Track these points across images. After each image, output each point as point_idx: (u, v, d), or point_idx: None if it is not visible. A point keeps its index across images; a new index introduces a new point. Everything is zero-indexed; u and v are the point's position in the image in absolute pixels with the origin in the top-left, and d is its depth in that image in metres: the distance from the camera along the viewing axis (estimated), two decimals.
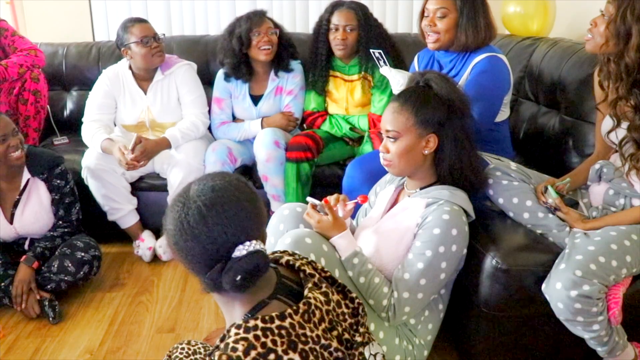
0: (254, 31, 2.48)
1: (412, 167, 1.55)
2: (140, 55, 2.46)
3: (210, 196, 0.97)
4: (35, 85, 2.71)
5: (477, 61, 1.89)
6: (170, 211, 0.99)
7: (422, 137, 1.51)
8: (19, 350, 1.90)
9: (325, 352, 0.97)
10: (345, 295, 1.14)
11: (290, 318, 0.95)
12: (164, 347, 1.88)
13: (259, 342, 0.90)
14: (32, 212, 2.19)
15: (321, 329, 0.99)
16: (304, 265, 1.11)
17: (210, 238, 0.96)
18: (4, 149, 2.04)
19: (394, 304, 1.44)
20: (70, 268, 2.12)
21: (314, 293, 1.03)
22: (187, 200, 0.98)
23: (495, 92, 1.91)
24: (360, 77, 2.52)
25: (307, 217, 1.55)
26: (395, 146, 1.53)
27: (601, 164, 1.68)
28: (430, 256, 1.44)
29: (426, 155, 1.54)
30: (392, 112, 1.53)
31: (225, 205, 0.97)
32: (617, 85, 1.55)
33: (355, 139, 2.55)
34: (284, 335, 0.92)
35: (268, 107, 2.62)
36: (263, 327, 0.92)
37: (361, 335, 1.10)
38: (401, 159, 1.53)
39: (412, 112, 1.51)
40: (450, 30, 1.91)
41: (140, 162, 2.34)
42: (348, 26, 2.44)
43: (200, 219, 0.96)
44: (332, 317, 1.04)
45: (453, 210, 1.47)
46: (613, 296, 1.44)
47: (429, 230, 1.46)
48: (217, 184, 0.99)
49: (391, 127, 1.53)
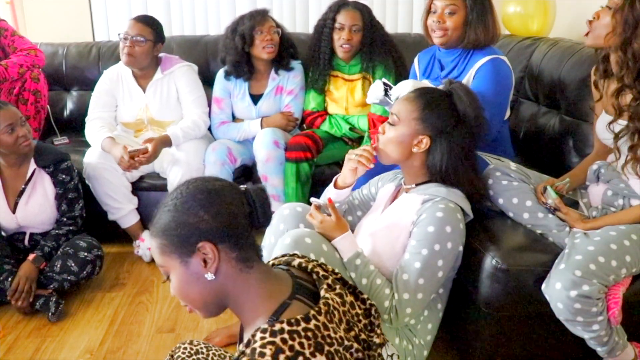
0: (257, 29, 2.49)
1: (397, 158, 1.57)
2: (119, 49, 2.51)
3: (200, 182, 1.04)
4: (36, 85, 2.72)
5: (481, 64, 1.89)
6: (182, 211, 1.00)
7: (417, 134, 1.52)
8: (19, 350, 1.90)
9: (347, 353, 0.97)
10: (357, 297, 1.14)
11: (314, 320, 0.94)
12: (164, 347, 1.89)
13: (287, 346, 0.88)
14: (36, 204, 2.20)
15: (342, 329, 0.99)
16: (316, 267, 1.11)
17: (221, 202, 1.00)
18: (14, 139, 2.06)
19: (395, 305, 1.44)
20: (74, 268, 2.12)
21: (330, 294, 1.03)
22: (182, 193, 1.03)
23: (502, 96, 1.92)
24: (361, 77, 2.52)
25: (310, 217, 1.56)
26: (390, 131, 1.56)
27: (599, 164, 1.68)
28: (427, 255, 1.44)
29: (415, 153, 1.54)
30: (405, 99, 1.57)
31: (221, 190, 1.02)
32: (622, 74, 1.54)
33: (355, 139, 2.55)
34: (311, 338, 0.91)
35: (268, 106, 2.62)
36: (290, 330, 0.90)
37: (378, 336, 1.10)
38: (388, 145, 1.55)
39: (419, 107, 1.52)
40: (458, 28, 1.91)
41: (141, 165, 2.37)
42: (354, 26, 2.44)
43: (199, 190, 1.01)
44: (348, 318, 1.04)
45: (448, 208, 1.47)
46: (613, 296, 1.44)
47: (424, 228, 1.46)
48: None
49: (395, 111, 1.56)
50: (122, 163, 2.33)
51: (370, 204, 1.77)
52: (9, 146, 2.08)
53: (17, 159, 2.16)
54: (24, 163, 2.19)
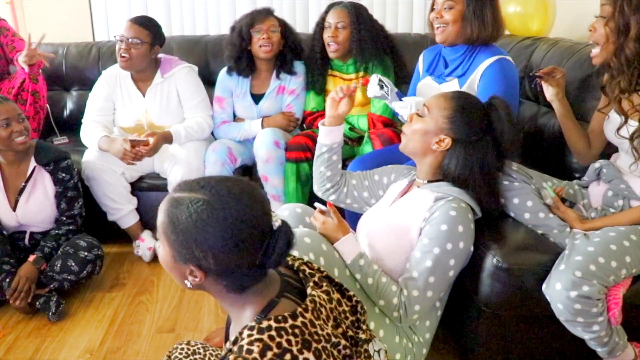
0: (256, 27, 2.49)
1: (417, 150, 1.57)
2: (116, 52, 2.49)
3: (224, 187, 0.97)
4: (34, 86, 2.71)
5: (488, 65, 1.89)
6: (202, 226, 0.93)
7: (441, 132, 1.53)
8: (19, 350, 1.90)
9: (335, 350, 0.97)
10: (343, 294, 1.14)
11: (301, 317, 0.95)
12: (164, 347, 1.89)
13: (274, 343, 0.89)
14: (36, 202, 2.20)
15: (329, 326, 0.99)
16: (302, 265, 1.12)
17: (244, 220, 0.94)
18: (8, 134, 2.06)
19: (404, 301, 1.44)
20: (74, 267, 2.12)
21: (317, 291, 1.03)
22: (208, 201, 0.95)
23: (511, 97, 1.91)
24: (358, 77, 2.52)
25: (313, 220, 1.58)
26: (417, 123, 1.57)
27: (601, 163, 1.68)
28: (439, 253, 1.44)
29: (434, 151, 1.54)
30: (442, 95, 1.58)
31: (252, 187, 0.99)
32: (618, 80, 1.55)
33: (355, 139, 2.55)
34: (298, 335, 0.92)
35: (269, 106, 2.62)
36: (277, 327, 0.91)
37: (364, 332, 1.10)
38: (414, 136, 1.57)
39: (453, 107, 1.53)
40: (456, 22, 1.91)
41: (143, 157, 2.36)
42: (339, 23, 2.42)
43: (235, 203, 0.95)
44: (335, 315, 1.04)
45: (460, 207, 1.48)
46: (613, 297, 1.44)
47: (436, 227, 1.46)
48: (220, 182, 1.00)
49: (428, 104, 1.57)
50: (126, 155, 2.32)
51: (380, 192, 1.78)
52: (3, 141, 2.07)
53: (15, 156, 2.15)
54: (24, 161, 2.19)
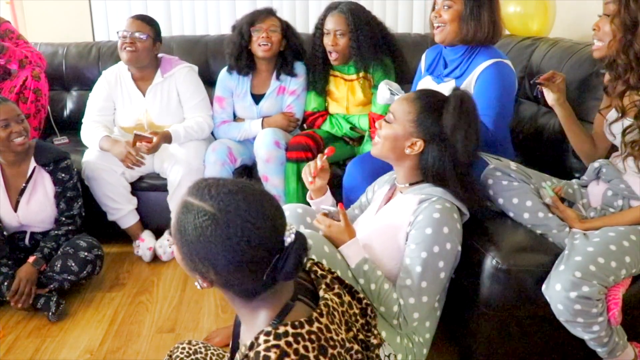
0: (256, 26, 2.49)
1: (391, 156, 1.57)
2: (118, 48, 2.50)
3: (236, 199, 0.93)
4: (37, 84, 2.72)
5: (484, 67, 1.89)
6: (209, 239, 0.90)
7: (411, 136, 1.52)
8: (19, 350, 1.90)
9: (348, 355, 0.96)
10: (353, 296, 1.13)
11: (317, 322, 0.93)
12: (164, 347, 1.89)
13: (292, 349, 0.87)
14: (37, 202, 2.20)
15: (343, 330, 0.98)
16: (313, 265, 1.10)
17: (259, 235, 0.91)
18: (7, 135, 2.06)
19: (402, 310, 1.44)
20: (74, 267, 2.12)
21: (329, 294, 1.02)
22: (214, 214, 0.91)
23: (506, 100, 1.92)
24: (359, 77, 2.52)
25: (317, 223, 1.55)
26: (385, 128, 1.56)
27: (601, 163, 1.68)
28: (426, 257, 1.44)
29: (408, 155, 1.54)
30: (404, 99, 1.57)
31: (264, 200, 0.95)
32: (627, 76, 1.55)
33: (356, 138, 2.55)
34: (314, 341, 0.90)
35: (269, 106, 2.62)
36: (294, 333, 0.89)
37: (375, 337, 1.10)
38: (385, 142, 1.56)
39: (416, 110, 1.51)
40: (454, 22, 1.91)
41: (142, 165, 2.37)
42: (338, 31, 2.40)
43: (248, 216, 0.91)
44: (347, 318, 1.03)
45: (444, 208, 1.47)
46: (613, 297, 1.44)
47: (421, 230, 1.46)
48: (228, 187, 0.96)
49: (392, 110, 1.56)
50: (129, 158, 2.32)
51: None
52: (2, 141, 2.07)
53: (15, 157, 2.15)
54: (24, 161, 2.19)
